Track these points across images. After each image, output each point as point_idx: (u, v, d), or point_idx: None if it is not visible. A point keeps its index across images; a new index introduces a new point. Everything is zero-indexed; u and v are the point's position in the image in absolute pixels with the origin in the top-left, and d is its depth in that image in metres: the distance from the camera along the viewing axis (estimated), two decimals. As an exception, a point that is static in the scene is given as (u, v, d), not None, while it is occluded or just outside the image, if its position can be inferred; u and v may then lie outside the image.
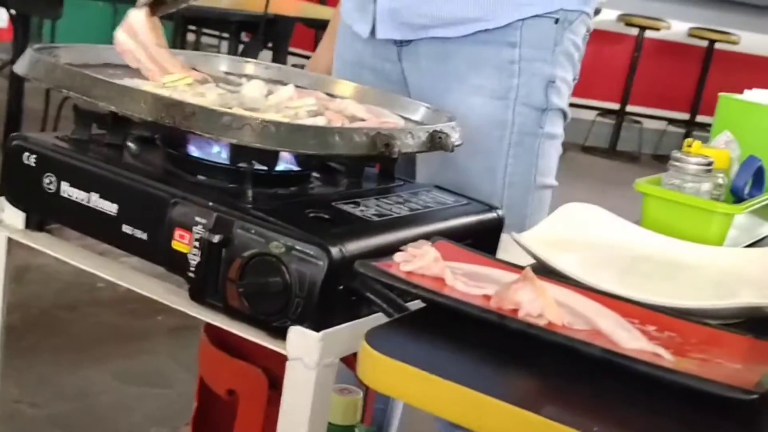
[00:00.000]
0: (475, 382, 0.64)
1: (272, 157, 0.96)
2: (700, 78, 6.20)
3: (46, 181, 1.00)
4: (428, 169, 1.35)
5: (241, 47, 3.73)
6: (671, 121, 6.30)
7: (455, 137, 1.04)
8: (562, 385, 0.68)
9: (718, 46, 6.08)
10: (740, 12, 6.14)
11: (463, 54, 1.33)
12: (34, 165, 1.01)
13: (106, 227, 0.97)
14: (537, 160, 1.35)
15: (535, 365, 0.71)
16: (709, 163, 1.05)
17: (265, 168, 0.96)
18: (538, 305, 0.71)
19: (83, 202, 0.98)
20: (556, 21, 1.33)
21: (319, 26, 4.03)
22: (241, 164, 0.96)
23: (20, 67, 0.98)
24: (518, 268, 0.83)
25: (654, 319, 0.76)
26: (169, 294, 0.94)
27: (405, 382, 0.64)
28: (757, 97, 1.24)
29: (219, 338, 1.16)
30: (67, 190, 0.99)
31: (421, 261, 0.78)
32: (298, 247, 0.85)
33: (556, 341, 0.69)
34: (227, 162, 0.98)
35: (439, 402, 0.63)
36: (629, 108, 6.12)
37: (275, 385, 1.09)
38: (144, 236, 0.94)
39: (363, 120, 1.11)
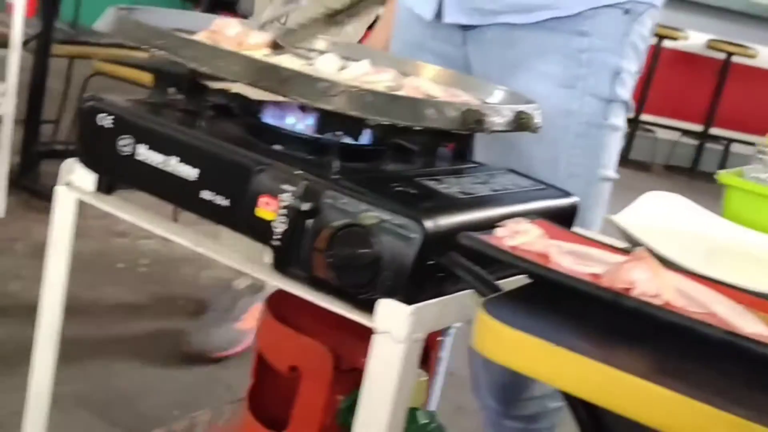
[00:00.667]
0: (598, 356, 0.62)
1: (358, 128, 0.94)
2: (716, 90, 6.19)
3: (122, 143, 0.98)
4: (488, 154, 1.33)
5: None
6: (685, 132, 6.30)
7: (538, 119, 1.02)
8: (682, 365, 0.67)
9: (735, 59, 6.08)
10: (760, 26, 6.14)
11: (531, 41, 1.31)
12: (110, 126, 0.99)
13: (184, 192, 0.95)
14: (600, 152, 1.33)
15: (650, 345, 0.69)
16: (794, 157, 1.04)
17: (350, 140, 0.95)
18: (654, 285, 0.70)
19: (160, 166, 0.96)
20: (626, 12, 1.31)
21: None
22: (326, 134, 0.94)
23: (104, 25, 0.96)
24: (619, 250, 0.81)
25: (765, 306, 0.74)
26: (250, 262, 0.92)
27: (528, 353, 0.63)
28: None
29: (280, 313, 1.14)
30: (144, 153, 0.97)
31: (525, 237, 0.77)
32: (390, 220, 0.83)
33: (674, 322, 0.67)
34: (310, 133, 0.97)
35: (563, 374, 0.62)
36: (643, 117, 6.11)
37: (336, 365, 1.08)
38: (226, 202, 0.92)
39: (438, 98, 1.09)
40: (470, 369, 1.54)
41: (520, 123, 0.99)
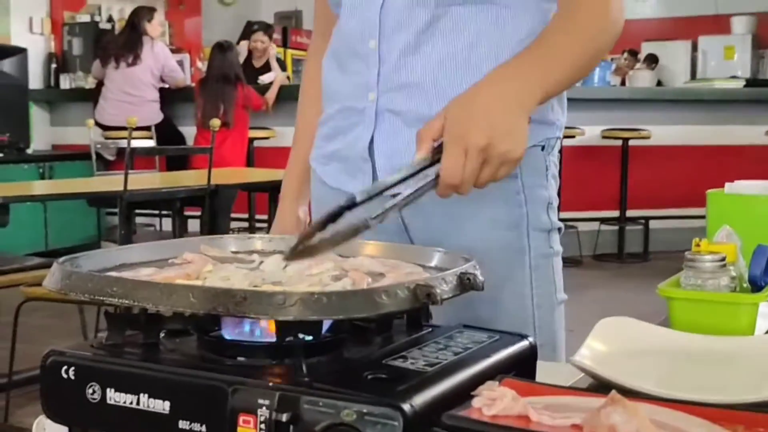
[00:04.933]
0: None
1: (318, 328, 0.97)
2: (622, 175, 6.45)
3: (89, 390, 0.99)
4: (455, 307, 1.34)
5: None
6: (604, 221, 6.51)
7: (480, 276, 1.07)
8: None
9: (632, 142, 6.37)
10: (648, 109, 6.49)
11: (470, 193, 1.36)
12: (74, 378, 1.00)
13: (159, 427, 0.95)
14: (554, 278, 1.40)
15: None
16: (723, 259, 1.11)
17: (312, 339, 0.97)
18: (633, 426, 0.73)
19: (131, 405, 0.97)
20: (542, 148, 1.41)
21: (255, 189, 4.19)
22: (287, 339, 0.97)
23: (53, 284, 0.98)
24: (591, 393, 0.85)
25: (738, 419, 0.78)
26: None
27: None
28: (742, 188, 1.32)
29: None
30: (113, 396, 0.98)
31: (501, 403, 0.80)
32: (370, 412, 0.85)
33: (662, 458, 0.70)
34: (272, 339, 0.99)
35: None
36: (563, 215, 6.29)
37: None
38: (203, 428, 0.93)
39: (382, 275, 1.13)
40: None
41: (466, 284, 1.04)
